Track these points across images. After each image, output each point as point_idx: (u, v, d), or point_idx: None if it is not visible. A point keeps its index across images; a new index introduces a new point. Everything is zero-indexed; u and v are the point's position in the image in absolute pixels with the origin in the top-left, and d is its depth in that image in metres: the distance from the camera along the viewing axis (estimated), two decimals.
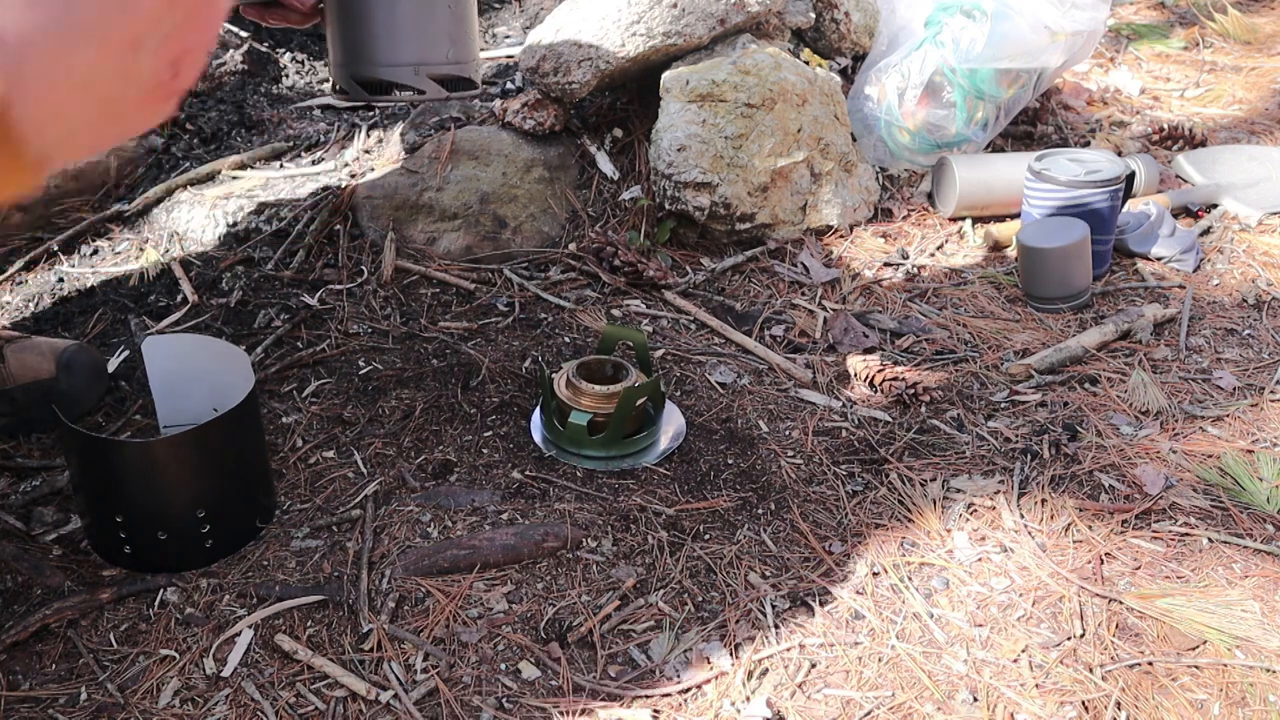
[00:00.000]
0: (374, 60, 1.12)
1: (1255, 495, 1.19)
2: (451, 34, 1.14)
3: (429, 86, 1.13)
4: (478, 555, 1.06)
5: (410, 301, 1.52)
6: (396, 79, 1.12)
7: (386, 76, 1.11)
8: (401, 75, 1.12)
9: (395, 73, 1.11)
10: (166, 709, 0.91)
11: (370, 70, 1.11)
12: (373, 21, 1.11)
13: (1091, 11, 1.90)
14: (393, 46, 1.11)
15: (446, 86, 1.14)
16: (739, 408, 1.32)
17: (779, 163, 1.68)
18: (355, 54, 1.12)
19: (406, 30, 1.12)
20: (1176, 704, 0.94)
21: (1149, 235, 1.73)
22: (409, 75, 1.12)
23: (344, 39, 1.13)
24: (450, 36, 1.13)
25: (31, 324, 1.47)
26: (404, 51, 1.12)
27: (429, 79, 1.12)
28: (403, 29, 1.11)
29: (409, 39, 1.12)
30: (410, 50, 1.12)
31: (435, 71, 1.12)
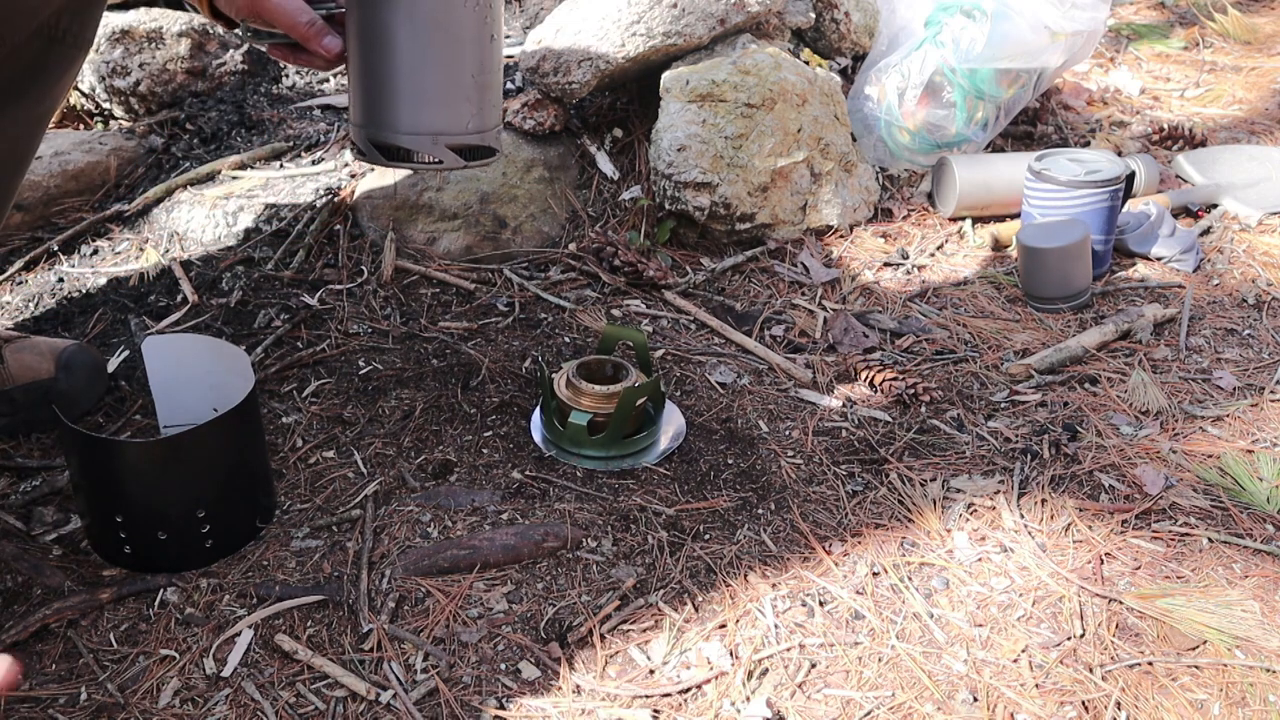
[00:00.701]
0: (393, 126, 1.08)
1: (1255, 495, 1.19)
2: (475, 102, 1.09)
3: (447, 157, 1.09)
4: (478, 555, 1.06)
5: (410, 301, 1.52)
6: (415, 147, 1.08)
7: (404, 144, 1.08)
8: (420, 144, 1.08)
9: (414, 141, 1.08)
10: (166, 709, 0.91)
11: (388, 136, 1.08)
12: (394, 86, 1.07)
13: (1091, 11, 1.90)
14: (413, 114, 1.08)
15: (465, 156, 1.10)
16: (739, 408, 1.32)
17: (779, 163, 1.68)
18: (374, 117, 1.09)
19: (429, 98, 1.08)
20: (1176, 704, 0.94)
21: (1149, 235, 1.74)
22: (427, 144, 1.08)
23: (363, 99, 1.10)
24: (474, 105, 1.09)
25: (31, 324, 1.47)
26: (424, 119, 1.08)
27: (447, 149, 1.09)
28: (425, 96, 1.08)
29: (431, 107, 1.08)
30: (431, 119, 1.08)
31: (455, 142, 1.09)
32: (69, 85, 1.09)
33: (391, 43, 1.06)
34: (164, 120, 1.90)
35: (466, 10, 1.06)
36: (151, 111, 1.94)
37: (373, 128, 1.09)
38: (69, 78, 1.08)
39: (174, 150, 1.83)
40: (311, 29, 1.12)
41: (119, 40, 1.90)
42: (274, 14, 1.12)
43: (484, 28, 1.08)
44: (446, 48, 1.06)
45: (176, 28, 1.95)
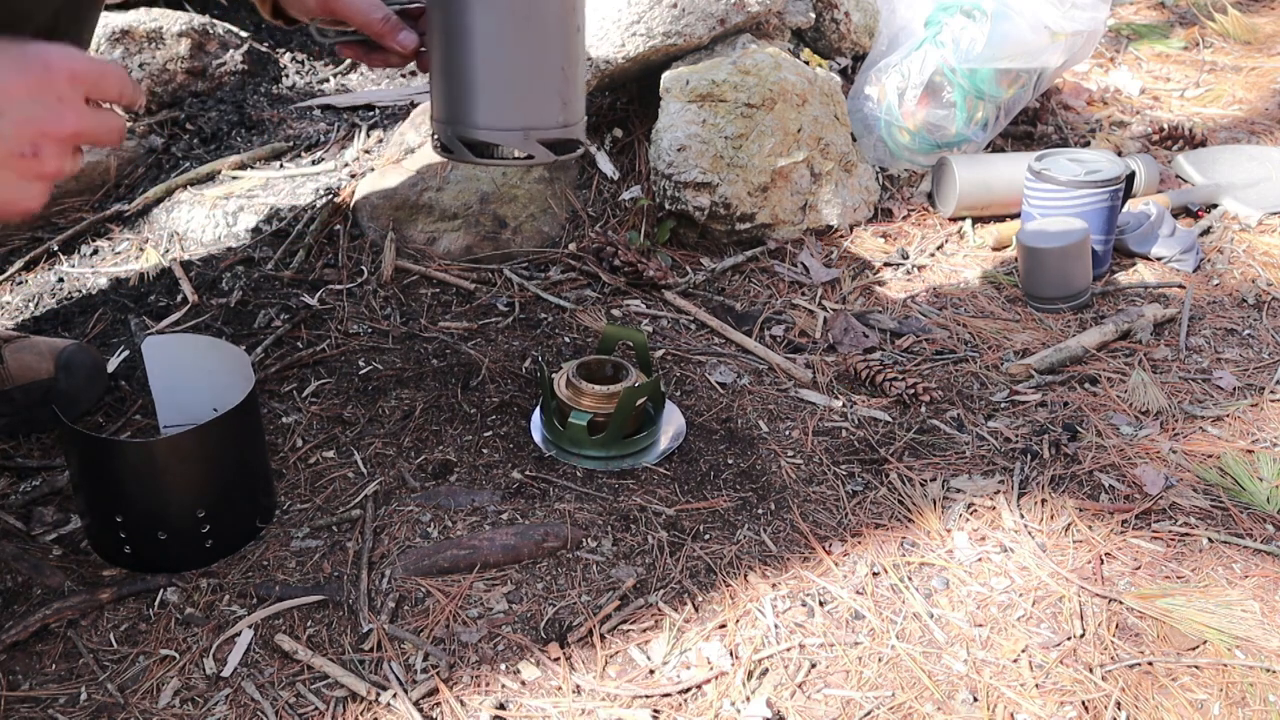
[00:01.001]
0: (482, 122, 1.05)
1: (1255, 495, 1.19)
2: (564, 95, 1.07)
3: (538, 152, 1.06)
4: (478, 555, 1.06)
5: (410, 301, 1.52)
6: (506, 143, 1.05)
7: (493, 140, 1.05)
8: (510, 140, 1.05)
9: (503, 136, 1.05)
10: (166, 709, 0.91)
11: (477, 132, 1.05)
12: (483, 81, 1.04)
13: (1091, 11, 1.90)
14: (503, 108, 1.05)
15: (554, 150, 1.07)
16: (739, 408, 1.32)
17: (779, 163, 1.68)
18: (460, 113, 1.06)
19: (519, 92, 1.05)
20: (1176, 704, 0.94)
21: (1149, 235, 1.74)
22: (518, 140, 1.05)
23: (448, 95, 1.07)
24: (563, 98, 1.07)
25: (31, 324, 1.47)
26: (515, 114, 1.05)
27: (538, 144, 1.06)
28: (514, 90, 1.05)
29: (521, 101, 1.05)
30: (522, 113, 1.05)
31: (545, 136, 1.06)
32: None
33: (479, 37, 1.03)
34: (164, 120, 1.90)
35: (553, 1, 1.04)
36: (151, 111, 1.94)
37: (460, 125, 1.06)
38: None
39: (174, 150, 1.83)
40: (386, 25, 1.11)
41: (119, 40, 1.90)
42: (347, 11, 1.11)
43: (571, 18, 1.06)
44: (536, 40, 1.04)
45: (176, 28, 1.95)
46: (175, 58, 1.94)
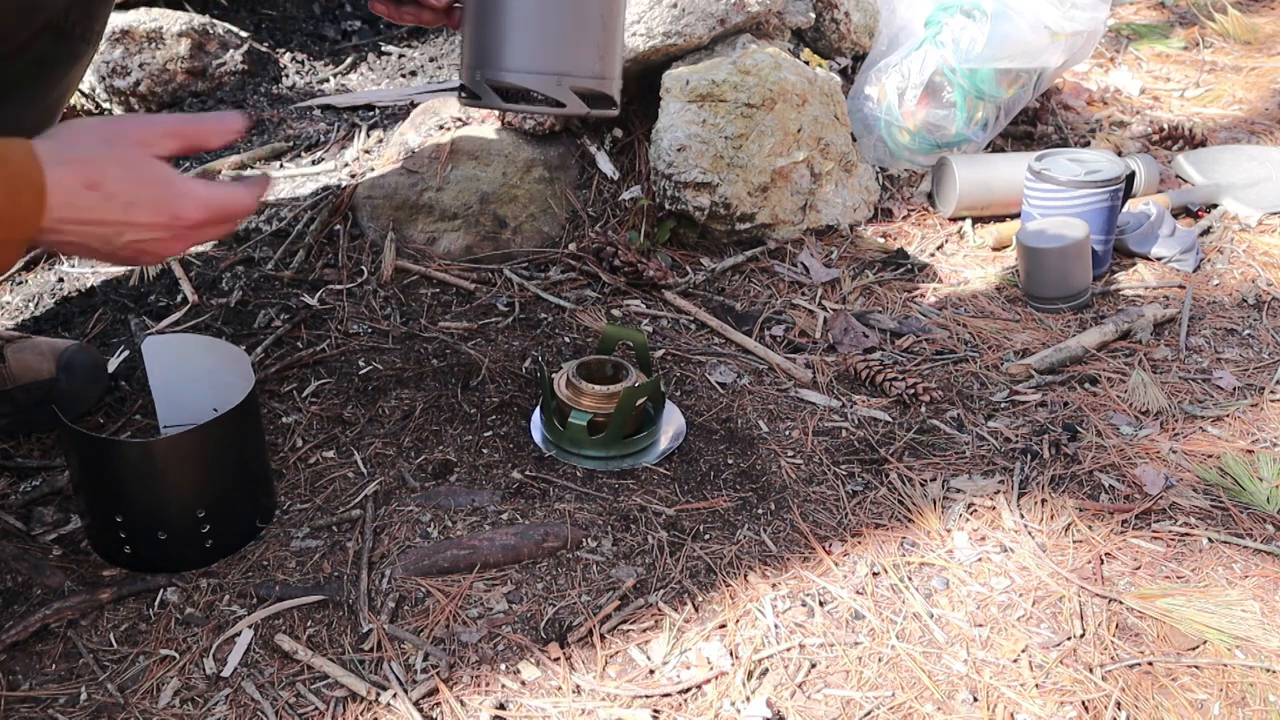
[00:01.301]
0: (513, 65, 1.02)
1: (1255, 495, 1.19)
2: (601, 45, 1.03)
3: (570, 100, 1.03)
4: (478, 555, 1.06)
5: (410, 301, 1.52)
6: (537, 87, 1.02)
7: (526, 84, 1.02)
8: (543, 84, 1.02)
9: (536, 80, 1.02)
10: (166, 709, 0.91)
11: (507, 75, 1.01)
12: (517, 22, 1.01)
13: (1091, 11, 1.90)
14: (537, 51, 1.02)
15: (588, 103, 1.04)
16: (739, 408, 1.32)
17: (779, 163, 1.68)
18: (491, 56, 1.03)
19: (554, 36, 1.02)
20: (1176, 704, 0.94)
21: (1149, 235, 1.74)
22: (551, 85, 1.02)
23: (480, 39, 1.03)
24: (599, 48, 1.03)
25: (31, 324, 1.47)
26: (548, 59, 1.02)
27: (571, 92, 1.02)
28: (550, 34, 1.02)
29: (556, 46, 1.02)
30: (555, 58, 1.02)
31: (579, 85, 1.03)
32: (77, 79, 1.10)
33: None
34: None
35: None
36: (151, 111, 1.94)
37: (490, 68, 1.03)
38: (77, 71, 1.08)
39: None
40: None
41: (119, 40, 1.90)
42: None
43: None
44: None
45: (176, 28, 1.95)
46: (175, 58, 1.94)
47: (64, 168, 0.77)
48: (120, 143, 0.79)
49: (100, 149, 0.78)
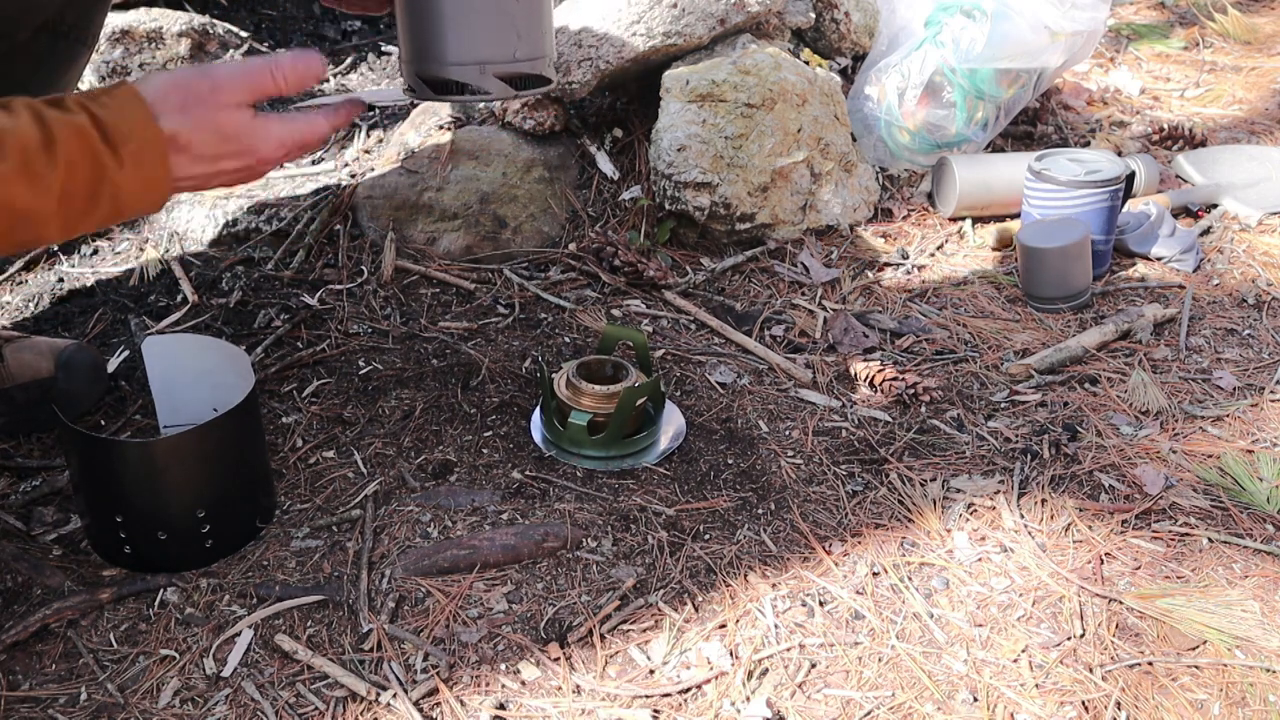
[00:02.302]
0: (439, 58, 1.04)
1: (1255, 495, 1.19)
2: (520, 29, 1.05)
3: (494, 86, 1.05)
4: (478, 555, 1.06)
5: (410, 301, 1.52)
6: (462, 78, 1.04)
7: (452, 75, 1.04)
8: (467, 74, 1.04)
9: (460, 71, 1.04)
10: (166, 709, 0.91)
11: (436, 69, 1.04)
12: (437, 16, 1.04)
13: (1091, 11, 1.90)
14: (457, 43, 1.04)
15: (515, 85, 1.05)
16: (739, 408, 1.32)
17: (779, 163, 1.68)
18: (421, 51, 1.05)
19: (471, 26, 1.04)
20: (1176, 704, 0.94)
21: (1149, 235, 1.74)
22: (474, 74, 1.04)
23: (411, 35, 1.06)
24: (518, 31, 1.05)
25: (31, 324, 1.47)
26: (468, 49, 1.04)
27: (495, 79, 1.04)
28: (467, 24, 1.04)
29: (474, 36, 1.04)
30: (475, 48, 1.04)
31: (502, 70, 1.04)
32: (74, 81, 1.09)
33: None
34: None
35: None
36: None
37: (420, 62, 1.05)
38: (74, 73, 1.08)
39: None
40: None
41: (119, 40, 1.90)
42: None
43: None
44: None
45: (176, 28, 1.95)
46: (175, 58, 1.94)
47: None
48: (196, 108, 0.83)
49: (179, 120, 0.82)
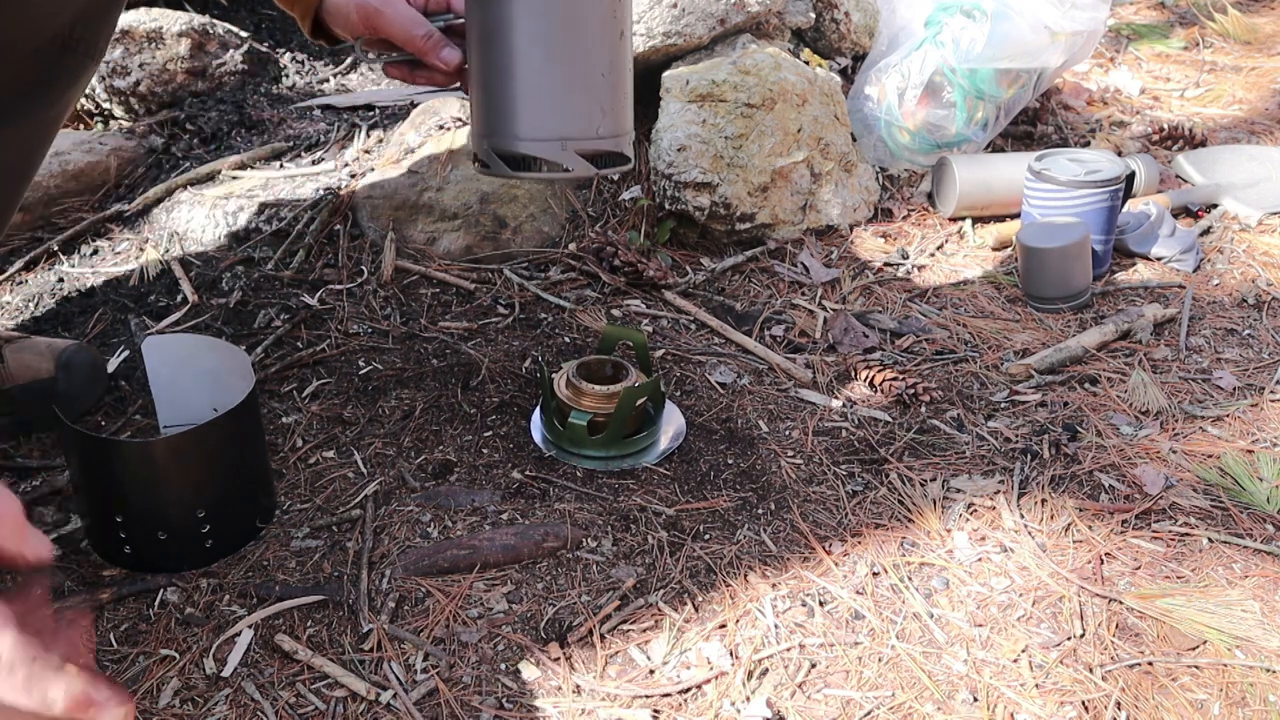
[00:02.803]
0: (519, 133, 1.00)
1: (1255, 495, 1.19)
2: (604, 104, 1.01)
3: (576, 164, 1.01)
4: (478, 555, 1.06)
5: (410, 301, 1.52)
6: (542, 154, 1.01)
7: (529, 151, 1.01)
8: (548, 151, 1.00)
9: (540, 148, 1.00)
10: (166, 709, 0.91)
11: (512, 144, 1.01)
12: (518, 90, 0.99)
13: (1091, 11, 1.90)
14: (540, 118, 1.00)
15: (596, 163, 1.02)
16: (739, 408, 1.32)
17: (779, 163, 1.68)
18: (498, 124, 1.01)
19: (555, 101, 1.00)
20: (1176, 704, 0.94)
21: (1149, 235, 1.74)
22: (555, 150, 1.00)
23: (485, 106, 1.02)
24: (603, 106, 1.01)
25: (31, 324, 1.47)
26: (550, 125, 1.00)
27: (577, 155, 1.01)
28: (551, 98, 1.00)
29: (557, 111, 1.00)
30: (559, 123, 1.00)
31: (585, 147, 1.01)
32: (79, 93, 1.09)
33: (515, 41, 0.99)
34: (164, 120, 1.90)
35: (596, 4, 0.99)
36: (151, 111, 1.94)
37: (496, 137, 1.02)
38: (79, 86, 1.07)
39: (174, 150, 1.83)
40: (429, 42, 1.09)
41: (119, 40, 1.90)
42: (390, 29, 1.10)
43: (614, 22, 1.01)
44: (574, 44, 0.99)
45: (176, 28, 1.95)
46: (175, 58, 1.94)
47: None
48: None
49: None
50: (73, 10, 0.97)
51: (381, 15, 1.09)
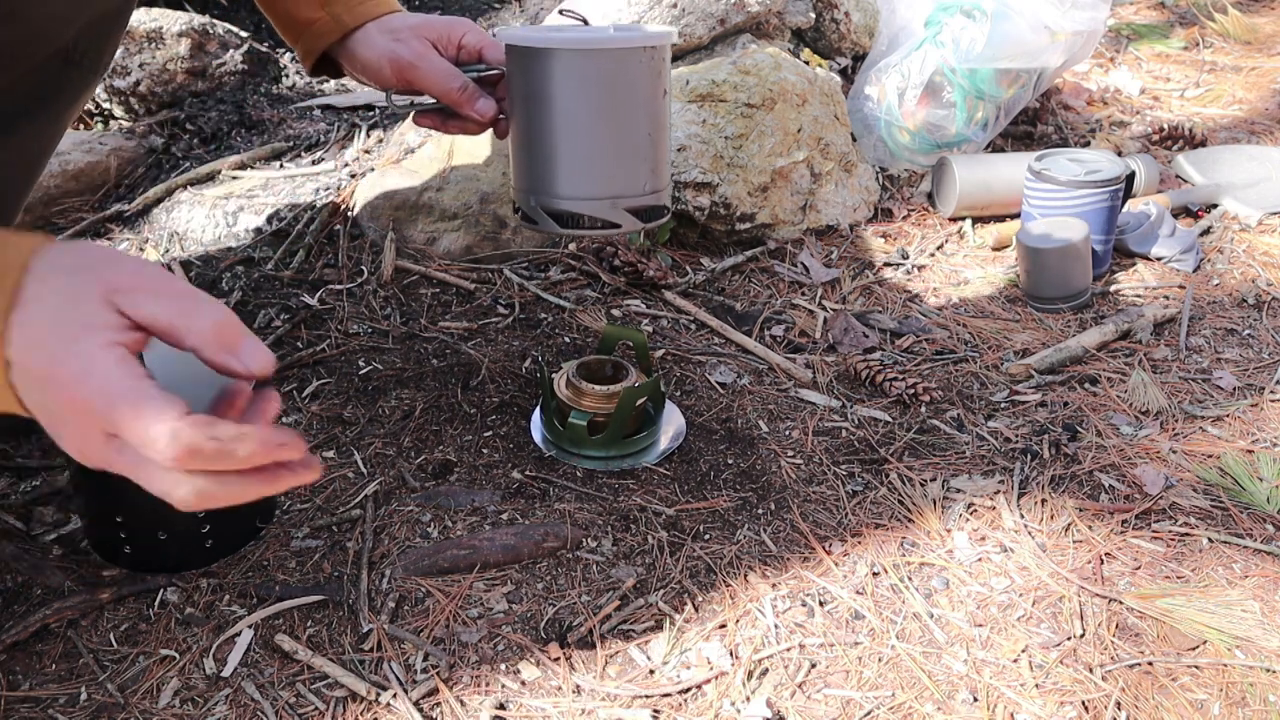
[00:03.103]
0: (567, 192, 1.03)
1: (1255, 495, 1.19)
2: (650, 163, 1.04)
3: (625, 220, 1.04)
4: (478, 555, 1.06)
5: (410, 301, 1.52)
6: (592, 213, 1.03)
7: (579, 210, 1.03)
8: (596, 209, 1.03)
9: (589, 206, 1.03)
10: (166, 709, 0.91)
11: (561, 203, 1.03)
12: (566, 151, 1.02)
13: (1091, 11, 1.91)
14: (589, 178, 1.03)
15: (641, 217, 1.05)
16: (739, 408, 1.32)
17: (779, 163, 1.68)
18: (544, 183, 1.04)
19: (604, 163, 1.03)
20: (1176, 704, 0.94)
21: (1149, 235, 1.74)
22: (605, 209, 1.03)
23: (530, 164, 1.04)
24: (650, 165, 1.04)
25: None
26: (601, 183, 1.03)
27: (625, 212, 1.04)
28: (600, 162, 1.03)
29: (607, 170, 1.03)
30: (608, 182, 1.03)
31: (632, 204, 1.04)
32: (82, 106, 1.08)
33: (562, 105, 1.01)
34: (164, 120, 1.90)
35: (641, 67, 1.01)
36: (151, 111, 1.94)
37: (544, 195, 1.04)
38: (83, 100, 1.06)
39: (174, 150, 1.83)
40: (464, 94, 1.10)
41: None
42: (424, 81, 1.11)
43: (658, 82, 1.03)
44: (621, 108, 1.02)
45: (176, 28, 1.95)
46: (175, 58, 1.94)
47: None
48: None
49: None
50: (78, 26, 0.96)
51: (416, 69, 1.10)
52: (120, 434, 0.62)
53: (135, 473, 0.64)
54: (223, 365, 0.65)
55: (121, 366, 0.62)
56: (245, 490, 0.65)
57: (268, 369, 0.65)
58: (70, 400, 0.62)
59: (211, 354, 0.65)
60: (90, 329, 0.62)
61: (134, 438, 0.62)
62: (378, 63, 1.12)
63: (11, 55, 0.92)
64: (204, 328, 0.64)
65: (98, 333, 0.62)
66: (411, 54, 1.11)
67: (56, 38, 0.95)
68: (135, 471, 0.64)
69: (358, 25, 1.14)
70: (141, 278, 0.65)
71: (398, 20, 1.14)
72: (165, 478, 0.63)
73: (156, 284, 0.65)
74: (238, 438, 0.63)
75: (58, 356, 0.61)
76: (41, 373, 0.62)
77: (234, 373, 0.65)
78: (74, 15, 0.94)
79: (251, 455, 0.63)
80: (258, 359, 0.65)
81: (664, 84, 1.04)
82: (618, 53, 1.00)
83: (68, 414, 0.63)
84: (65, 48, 0.97)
